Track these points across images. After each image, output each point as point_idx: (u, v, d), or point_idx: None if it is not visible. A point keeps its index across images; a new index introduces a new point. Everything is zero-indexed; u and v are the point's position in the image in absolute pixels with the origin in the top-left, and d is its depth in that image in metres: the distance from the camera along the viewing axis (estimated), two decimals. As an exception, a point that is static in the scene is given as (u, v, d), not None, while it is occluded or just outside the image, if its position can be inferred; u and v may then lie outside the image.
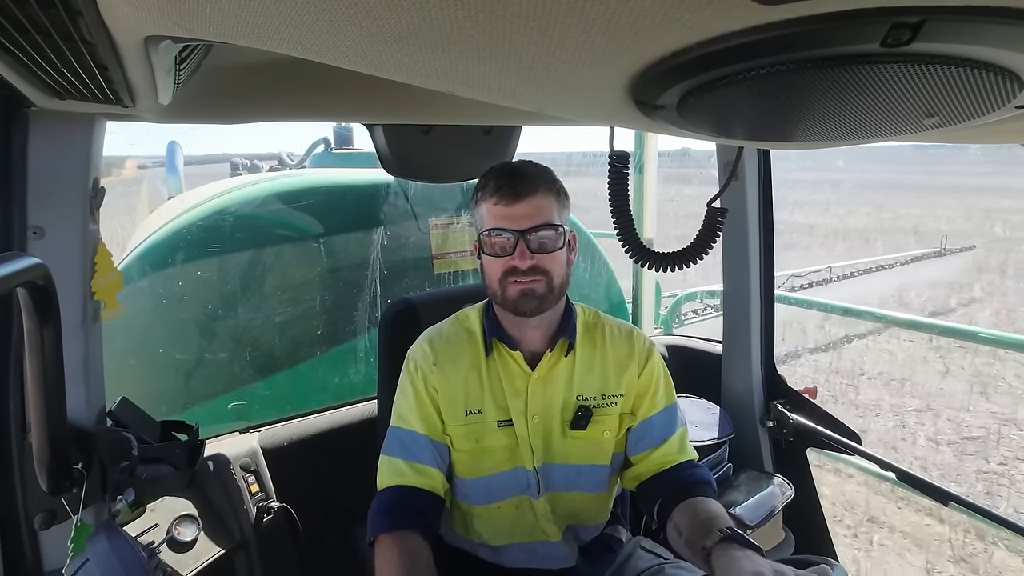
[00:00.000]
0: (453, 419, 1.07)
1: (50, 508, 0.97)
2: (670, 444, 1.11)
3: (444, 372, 1.08)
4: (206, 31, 0.44)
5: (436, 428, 1.07)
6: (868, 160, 37.29)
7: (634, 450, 1.12)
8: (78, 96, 0.75)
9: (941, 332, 4.43)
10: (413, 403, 1.08)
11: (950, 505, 1.40)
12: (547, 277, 1.01)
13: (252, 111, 1.12)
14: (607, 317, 1.18)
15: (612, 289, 2.64)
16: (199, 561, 1.22)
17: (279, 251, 1.96)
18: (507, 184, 1.00)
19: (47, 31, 0.48)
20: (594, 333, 1.14)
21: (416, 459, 1.05)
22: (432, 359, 1.09)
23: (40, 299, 0.69)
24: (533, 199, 1.00)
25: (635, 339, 1.14)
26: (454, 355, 1.10)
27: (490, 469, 1.09)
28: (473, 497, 1.10)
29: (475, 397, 1.08)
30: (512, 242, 0.99)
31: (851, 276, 9.66)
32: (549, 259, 1.01)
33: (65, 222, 0.97)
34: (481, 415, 1.08)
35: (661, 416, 1.12)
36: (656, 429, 1.11)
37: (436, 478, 1.05)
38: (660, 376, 1.14)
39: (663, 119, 0.50)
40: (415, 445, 1.06)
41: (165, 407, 1.79)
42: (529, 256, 0.99)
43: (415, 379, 1.09)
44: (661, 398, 1.13)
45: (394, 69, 0.45)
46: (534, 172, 1.02)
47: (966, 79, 0.36)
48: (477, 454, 1.08)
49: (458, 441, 1.08)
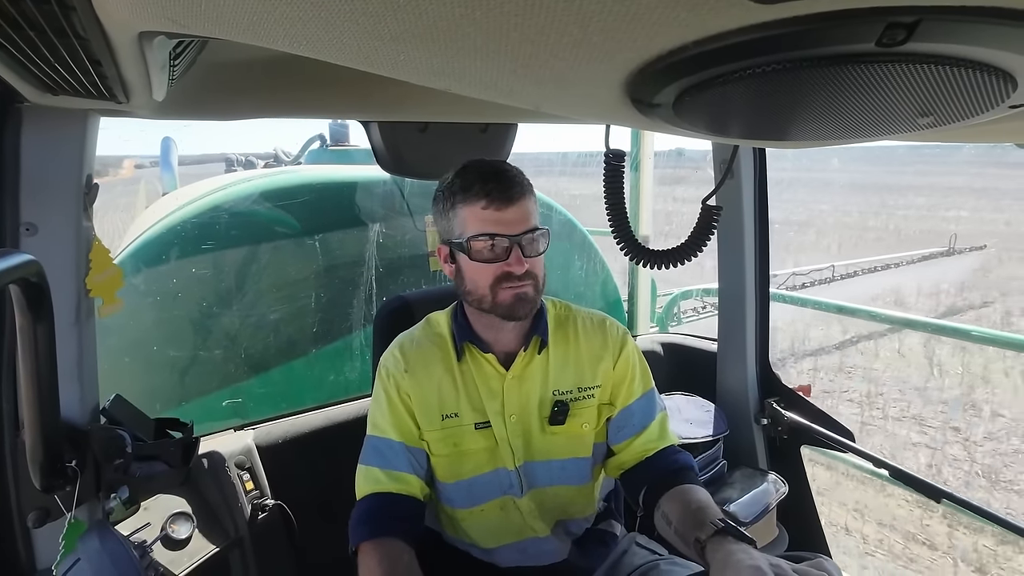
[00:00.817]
0: (429, 424, 1.07)
1: (43, 506, 0.96)
2: (650, 431, 1.11)
3: (416, 378, 1.07)
4: (201, 27, 0.43)
5: (412, 434, 1.06)
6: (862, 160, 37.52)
7: (615, 439, 1.13)
8: (71, 92, 0.74)
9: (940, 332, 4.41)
10: (387, 411, 1.07)
11: (942, 502, 1.41)
12: (536, 280, 1.02)
13: (247, 107, 1.11)
14: (578, 309, 1.17)
15: (608, 287, 2.65)
16: (194, 559, 1.22)
17: (274, 248, 1.95)
18: (496, 188, 0.97)
19: (40, 26, 0.48)
20: (566, 327, 1.13)
21: (392, 466, 1.04)
22: (404, 365, 1.08)
23: (33, 296, 0.69)
24: (523, 203, 0.98)
25: (608, 329, 1.14)
26: (426, 360, 1.08)
27: (470, 472, 1.08)
28: (456, 501, 1.10)
29: (450, 401, 1.07)
30: (506, 247, 0.98)
31: (854, 275, 9.65)
32: (538, 262, 1.02)
33: (58, 218, 0.96)
34: (458, 418, 1.07)
35: (639, 403, 1.12)
36: (636, 417, 1.12)
37: (414, 483, 1.05)
38: (636, 363, 1.14)
39: (659, 117, 0.50)
40: (391, 452, 1.05)
41: (159, 405, 1.78)
42: (524, 261, 0.98)
43: (388, 386, 1.08)
44: (638, 385, 1.13)
45: (390, 66, 0.45)
46: (517, 175, 1.00)
47: (961, 79, 0.36)
48: (456, 458, 1.08)
49: (436, 446, 1.07)
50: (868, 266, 10.14)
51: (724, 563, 0.80)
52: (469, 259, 1.00)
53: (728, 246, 1.71)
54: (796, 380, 3.46)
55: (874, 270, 10.18)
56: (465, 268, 1.02)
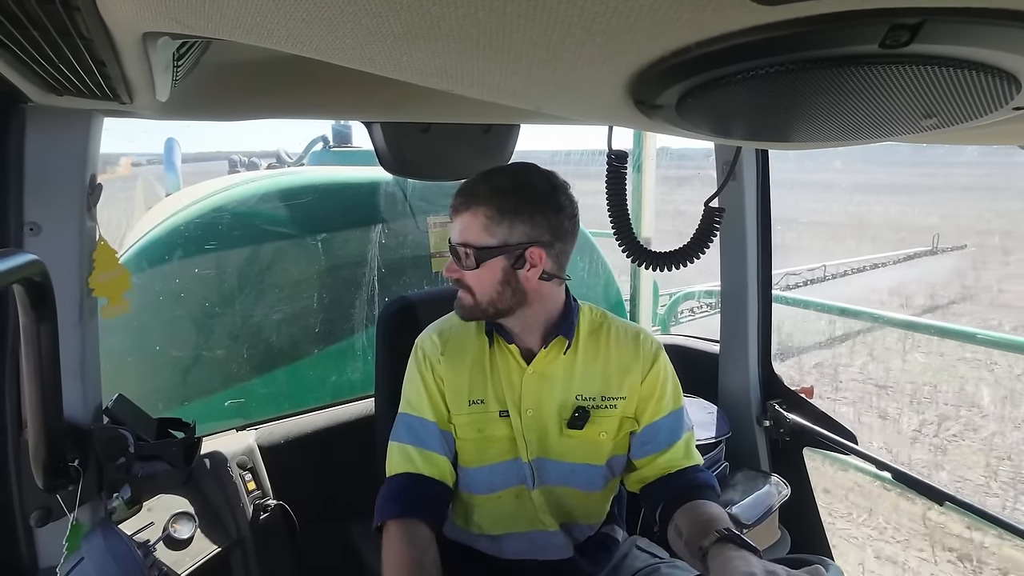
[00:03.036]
0: (457, 408, 1.09)
1: (46, 505, 0.97)
2: (676, 449, 1.10)
3: (451, 362, 1.10)
4: (204, 28, 0.44)
5: (443, 416, 1.09)
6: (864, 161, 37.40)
7: (638, 454, 1.12)
8: (75, 92, 0.74)
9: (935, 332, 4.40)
10: (422, 391, 1.09)
11: (945, 505, 1.41)
12: (470, 291, 1.04)
13: (250, 108, 1.12)
14: (615, 318, 1.17)
15: (610, 288, 2.64)
16: (195, 559, 1.22)
17: (277, 248, 1.95)
18: (454, 200, 1.05)
19: (44, 26, 0.48)
20: (599, 334, 1.13)
21: (426, 446, 1.07)
22: (440, 349, 1.11)
23: (36, 296, 0.69)
24: (463, 216, 1.03)
25: (641, 342, 1.13)
26: (461, 346, 1.12)
27: (492, 458, 1.10)
28: (476, 486, 1.11)
29: (479, 387, 1.09)
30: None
31: (845, 275, 9.69)
32: (473, 276, 1.03)
33: (62, 218, 0.97)
34: (484, 404, 1.09)
35: (667, 421, 1.11)
36: (662, 434, 1.11)
37: (445, 467, 1.07)
38: (667, 380, 1.12)
39: (662, 119, 0.50)
40: (424, 432, 1.08)
41: (162, 405, 1.79)
42: (454, 268, 1.04)
43: (423, 368, 1.11)
44: (668, 402, 1.12)
45: (393, 67, 0.45)
46: (471, 189, 1.03)
47: (964, 80, 0.36)
48: (480, 443, 1.09)
49: (462, 430, 1.09)
50: (857, 265, 10.21)
51: (722, 569, 0.80)
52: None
53: (730, 248, 1.70)
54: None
55: (862, 269, 10.26)
56: None
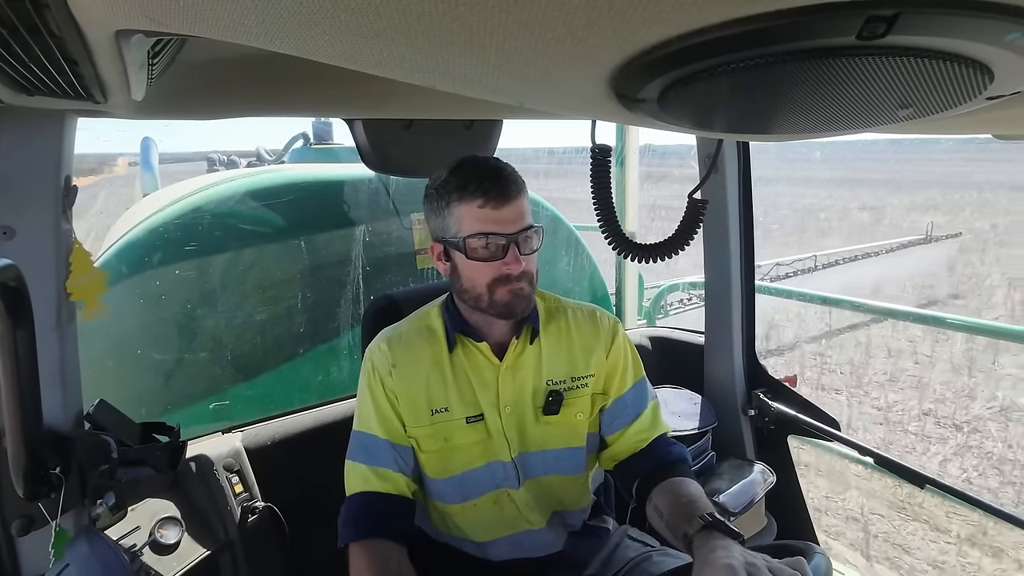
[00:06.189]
0: (416, 421, 1.06)
1: (27, 514, 0.95)
2: (643, 420, 1.13)
3: (403, 375, 1.06)
4: (179, 25, 0.43)
5: (397, 432, 1.06)
6: (844, 151, 37.72)
7: (609, 430, 1.14)
8: (47, 92, 0.73)
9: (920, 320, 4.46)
10: (372, 407, 1.07)
11: (926, 488, 1.44)
12: (531, 278, 1.02)
13: (228, 106, 1.10)
14: (567, 301, 1.18)
15: (596, 281, 2.66)
16: (183, 563, 1.21)
17: (259, 249, 1.93)
18: (494, 186, 0.96)
19: (13, 25, 0.47)
20: (557, 318, 1.14)
21: (378, 463, 1.04)
22: (391, 361, 1.07)
23: (12, 301, 0.68)
24: (519, 201, 0.98)
25: (599, 320, 1.15)
26: (414, 356, 1.08)
27: (461, 467, 1.08)
28: (447, 496, 1.10)
29: (439, 396, 1.07)
30: (502, 245, 0.98)
31: (835, 264, 9.76)
32: (532, 260, 1.02)
33: (37, 222, 0.94)
34: (448, 413, 1.07)
35: (631, 393, 1.14)
36: (628, 407, 1.13)
37: (400, 482, 1.05)
38: (628, 352, 1.15)
39: (644, 112, 0.51)
40: (376, 449, 1.05)
41: (145, 410, 1.76)
42: (521, 259, 0.98)
43: (372, 383, 1.07)
44: (630, 375, 1.15)
45: (374, 63, 0.45)
46: (512, 172, 1.00)
47: (939, 71, 0.37)
48: (446, 453, 1.08)
49: (424, 442, 1.07)
50: (849, 255, 10.25)
51: (703, 561, 0.80)
52: (466, 258, 0.99)
53: (713, 240, 1.72)
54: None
55: (855, 259, 10.30)
56: (462, 267, 1.02)
